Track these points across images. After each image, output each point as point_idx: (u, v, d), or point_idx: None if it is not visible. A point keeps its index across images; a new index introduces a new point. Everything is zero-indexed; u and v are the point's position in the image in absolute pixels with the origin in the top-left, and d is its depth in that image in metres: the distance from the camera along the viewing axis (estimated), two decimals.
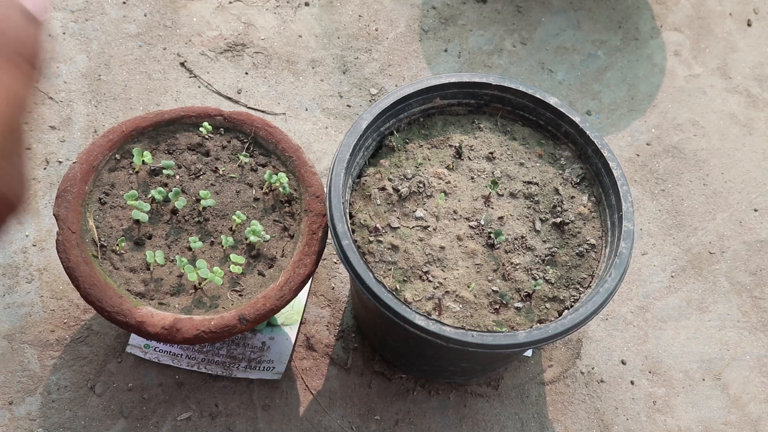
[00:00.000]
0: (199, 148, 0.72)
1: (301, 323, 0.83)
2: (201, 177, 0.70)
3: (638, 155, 0.99)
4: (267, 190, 0.71)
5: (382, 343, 0.79)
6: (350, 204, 0.71)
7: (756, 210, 0.97)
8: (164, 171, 0.69)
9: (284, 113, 0.97)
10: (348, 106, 0.99)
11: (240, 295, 0.66)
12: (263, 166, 0.73)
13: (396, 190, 0.71)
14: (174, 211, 0.68)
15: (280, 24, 1.04)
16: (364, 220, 0.70)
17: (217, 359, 0.79)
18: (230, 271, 0.66)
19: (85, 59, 0.97)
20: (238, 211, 0.69)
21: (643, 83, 1.05)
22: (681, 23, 1.11)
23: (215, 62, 0.99)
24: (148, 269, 0.65)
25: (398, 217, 0.70)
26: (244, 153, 0.72)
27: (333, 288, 0.86)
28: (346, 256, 0.64)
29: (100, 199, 0.66)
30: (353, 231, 0.69)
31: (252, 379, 0.79)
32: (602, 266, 0.69)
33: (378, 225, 0.69)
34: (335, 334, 0.84)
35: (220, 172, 0.71)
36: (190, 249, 0.66)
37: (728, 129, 1.03)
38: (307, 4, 1.05)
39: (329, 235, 0.67)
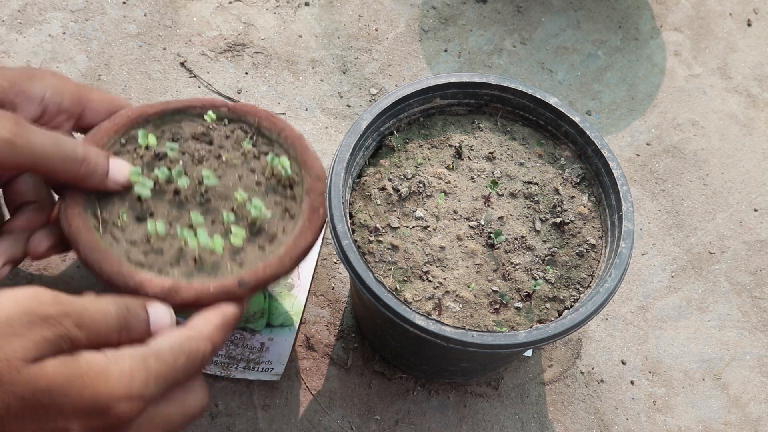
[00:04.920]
0: (204, 137, 0.72)
1: (300, 323, 0.83)
2: (204, 163, 0.70)
3: (638, 155, 0.99)
4: (269, 175, 0.71)
5: (382, 343, 0.79)
6: (350, 204, 0.71)
7: (756, 210, 0.97)
8: (168, 153, 0.68)
9: (284, 113, 0.97)
10: (348, 106, 0.99)
11: (240, 266, 0.65)
12: (266, 154, 0.73)
13: (396, 190, 0.71)
14: (176, 192, 0.68)
15: (280, 24, 1.04)
16: (364, 220, 0.70)
17: (215, 359, 0.79)
18: (231, 243, 0.65)
19: (85, 59, 0.97)
20: (239, 190, 0.68)
21: (643, 83, 1.05)
22: (681, 23, 1.11)
23: (215, 62, 0.99)
24: (149, 242, 0.64)
25: (398, 217, 0.70)
26: (247, 140, 0.72)
27: (333, 288, 0.86)
28: (346, 256, 0.64)
29: None
30: (353, 231, 0.70)
31: (251, 380, 0.79)
32: (602, 266, 0.69)
33: (378, 225, 0.69)
34: (335, 334, 0.84)
35: (224, 159, 0.70)
36: (191, 226, 0.66)
37: (728, 129, 1.03)
38: (307, 4, 1.05)
39: (329, 236, 0.67)
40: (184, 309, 0.63)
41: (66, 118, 0.65)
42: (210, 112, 0.72)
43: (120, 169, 0.64)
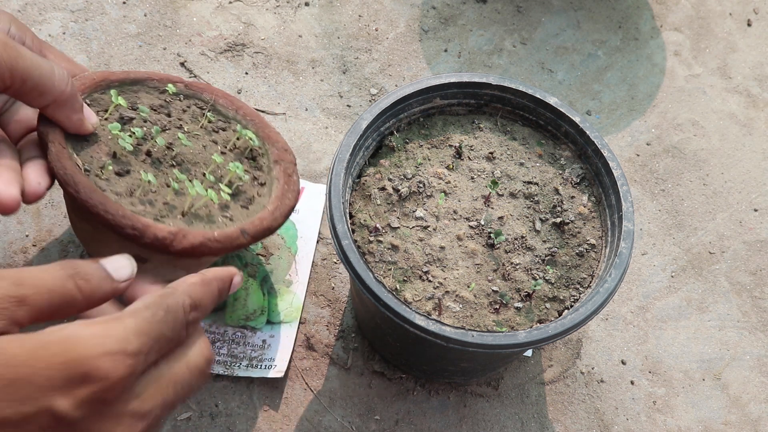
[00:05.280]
0: (161, 109, 0.72)
1: (300, 322, 0.83)
2: (167, 132, 0.70)
3: (638, 155, 0.99)
4: (232, 146, 0.73)
5: (382, 343, 0.79)
6: (350, 204, 0.71)
7: (756, 210, 0.97)
8: (141, 114, 0.69)
9: (284, 113, 0.97)
10: (348, 106, 0.99)
11: (231, 220, 0.67)
12: (223, 130, 0.74)
13: (396, 190, 0.71)
14: (149, 153, 0.67)
15: (280, 24, 1.04)
16: (364, 220, 0.70)
17: (217, 358, 0.79)
18: (221, 197, 0.67)
19: (86, 59, 0.97)
20: (215, 154, 0.69)
21: (643, 83, 1.05)
22: (681, 23, 1.11)
23: (215, 62, 0.99)
24: (133, 195, 0.63)
25: (398, 217, 0.70)
26: (209, 116, 0.73)
27: (333, 288, 0.86)
28: (346, 256, 0.64)
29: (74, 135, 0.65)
30: (353, 231, 0.70)
31: (252, 379, 0.79)
32: (602, 266, 0.69)
33: (378, 225, 0.69)
34: (335, 334, 0.84)
35: (185, 130, 0.71)
36: (167, 185, 0.66)
37: (728, 129, 1.03)
38: (307, 4, 1.05)
39: (329, 236, 0.67)
40: (186, 257, 0.63)
41: None
42: (170, 85, 0.73)
43: (91, 112, 0.65)
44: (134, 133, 0.67)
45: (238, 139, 0.74)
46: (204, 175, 0.69)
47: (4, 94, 0.62)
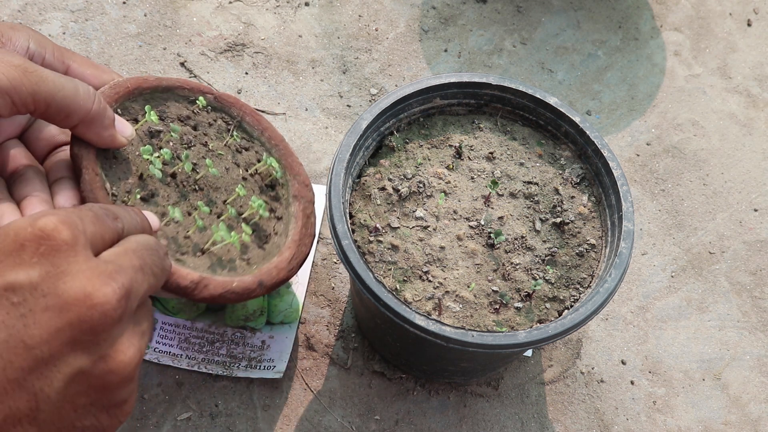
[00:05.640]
0: (188, 120, 0.71)
1: (300, 323, 0.83)
2: (192, 148, 0.69)
3: (638, 155, 0.99)
4: (253, 172, 0.71)
5: (382, 343, 0.79)
6: (350, 204, 0.71)
7: (756, 210, 0.97)
8: (172, 134, 0.67)
9: (284, 113, 0.97)
10: (348, 106, 0.99)
11: (248, 264, 0.66)
12: (246, 149, 0.73)
13: (396, 190, 0.71)
14: (173, 175, 0.67)
15: (280, 24, 1.04)
16: (364, 220, 0.70)
17: (217, 359, 0.79)
18: (241, 239, 0.66)
19: None
20: (240, 185, 0.68)
21: (643, 83, 1.05)
22: (681, 23, 1.11)
23: (215, 62, 0.99)
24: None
25: (398, 217, 0.70)
26: (234, 135, 0.72)
27: (333, 288, 0.86)
28: (346, 256, 0.64)
29: (104, 150, 0.63)
30: (353, 231, 0.70)
31: (252, 379, 0.79)
32: (602, 266, 0.69)
33: (378, 225, 0.69)
34: (335, 334, 0.84)
35: (210, 147, 0.70)
36: (189, 214, 0.66)
37: (728, 129, 1.03)
38: (307, 4, 1.05)
39: (329, 236, 0.67)
40: (202, 302, 0.63)
41: None
42: (201, 98, 0.72)
43: (124, 123, 0.61)
44: (162, 155, 0.66)
45: (258, 161, 0.72)
46: (224, 202, 0.68)
47: None
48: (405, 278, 0.67)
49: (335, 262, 0.88)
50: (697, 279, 0.91)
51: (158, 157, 0.66)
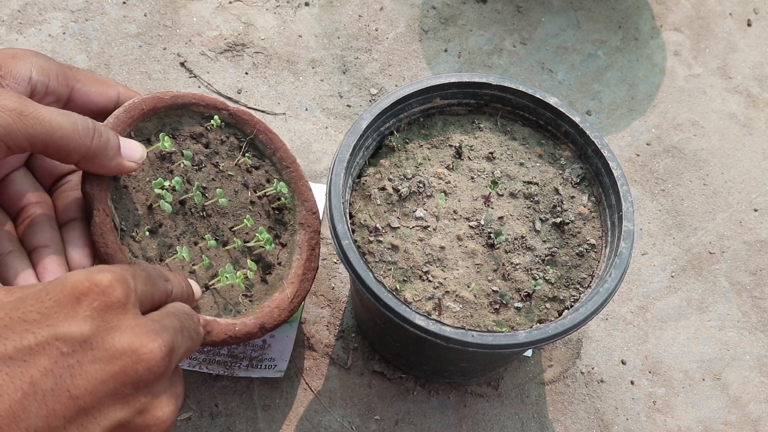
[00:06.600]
0: (200, 138, 0.70)
1: (300, 323, 0.83)
2: (203, 170, 0.69)
3: (638, 155, 0.99)
4: (262, 194, 0.71)
5: (382, 343, 0.79)
6: (350, 204, 0.71)
7: (756, 210, 0.97)
8: (185, 161, 0.67)
9: (284, 113, 0.97)
10: (348, 106, 0.99)
11: (250, 301, 0.66)
12: (256, 168, 0.72)
13: (396, 190, 0.71)
14: (182, 202, 0.67)
15: (280, 24, 1.04)
16: (364, 220, 0.70)
17: (218, 359, 0.79)
18: (246, 277, 0.66)
19: (86, 59, 0.97)
20: (248, 216, 0.68)
21: (643, 83, 1.05)
22: (681, 23, 1.11)
23: (215, 62, 0.99)
24: (161, 260, 0.63)
25: (398, 217, 0.70)
26: (247, 154, 0.71)
27: (333, 288, 0.86)
28: (346, 256, 0.64)
29: (115, 177, 0.63)
30: (353, 231, 0.70)
31: (252, 379, 0.79)
32: (602, 266, 0.69)
33: (378, 225, 0.69)
34: (335, 334, 0.84)
35: (220, 168, 0.70)
36: (195, 244, 0.65)
37: (728, 129, 1.03)
38: (307, 4, 1.05)
39: (329, 236, 0.67)
40: (205, 346, 0.63)
41: (55, 100, 0.60)
42: (216, 117, 0.71)
43: (133, 147, 0.60)
44: (174, 187, 0.65)
45: (268, 181, 0.72)
46: (231, 230, 0.68)
47: None
48: (405, 278, 0.67)
49: (335, 262, 0.88)
50: (697, 279, 0.91)
51: (169, 190, 0.65)
